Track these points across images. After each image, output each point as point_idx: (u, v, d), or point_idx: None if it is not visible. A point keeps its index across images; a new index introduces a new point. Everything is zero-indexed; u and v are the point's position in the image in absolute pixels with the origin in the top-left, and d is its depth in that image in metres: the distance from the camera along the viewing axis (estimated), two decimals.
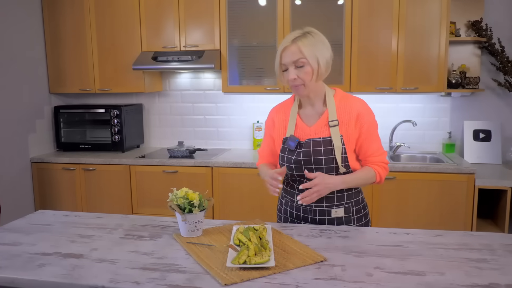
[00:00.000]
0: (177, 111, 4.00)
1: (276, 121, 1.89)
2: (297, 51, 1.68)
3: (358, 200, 1.83)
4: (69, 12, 3.69)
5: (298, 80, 1.70)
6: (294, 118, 1.82)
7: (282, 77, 1.77)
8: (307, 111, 1.83)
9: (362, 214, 1.85)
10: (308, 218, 1.82)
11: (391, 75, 3.25)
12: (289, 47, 1.70)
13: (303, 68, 1.69)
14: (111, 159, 3.47)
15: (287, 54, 1.70)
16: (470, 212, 3.00)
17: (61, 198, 3.60)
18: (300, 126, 1.81)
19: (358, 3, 3.22)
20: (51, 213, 1.97)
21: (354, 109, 1.76)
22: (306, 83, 1.71)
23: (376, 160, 1.78)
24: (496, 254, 1.44)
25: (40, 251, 1.52)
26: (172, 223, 1.80)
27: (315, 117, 1.80)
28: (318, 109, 1.80)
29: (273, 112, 1.94)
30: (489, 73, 3.45)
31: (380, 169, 1.78)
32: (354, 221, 1.81)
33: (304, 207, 1.82)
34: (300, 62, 1.68)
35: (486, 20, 3.36)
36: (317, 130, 1.77)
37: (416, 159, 3.52)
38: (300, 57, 1.68)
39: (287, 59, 1.70)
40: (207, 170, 3.34)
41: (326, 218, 1.80)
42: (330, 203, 1.78)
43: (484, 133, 3.43)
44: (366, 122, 1.75)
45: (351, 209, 1.81)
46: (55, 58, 3.78)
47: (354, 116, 1.75)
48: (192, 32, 3.52)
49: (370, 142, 1.77)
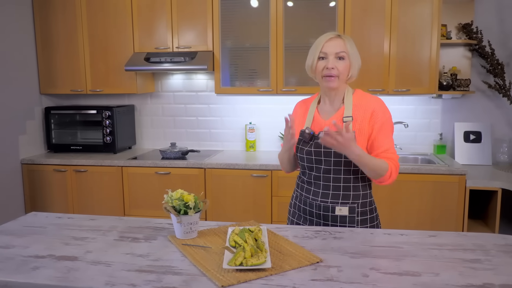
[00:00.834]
0: (169, 112, 3.98)
1: (298, 114, 1.97)
2: (342, 44, 1.78)
3: (365, 202, 1.82)
4: (60, 12, 3.66)
5: (335, 70, 1.76)
6: (313, 112, 1.89)
7: (316, 66, 1.80)
8: (325, 107, 1.88)
9: (368, 217, 1.83)
10: (314, 213, 1.84)
11: (383, 77, 3.27)
12: (334, 39, 1.79)
13: (343, 61, 1.78)
14: (103, 160, 3.44)
15: (332, 44, 1.78)
16: (461, 212, 3.03)
17: (52, 200, 3.57)
18: (317, 120, 1.86)
19: (350, 5, 3.24)
20: (44, 215, 1.95)
21: (370, 107, 1.78)
22: (341, 76, 1.78)
23: (389, 156, 1.75)
24: (490, 254, 1.46)
25: (34, 253, 1.50)
26: (167, 224, 1.79)
27: (332, 112, 1.85)
28: (336, 105, 1.86)
29: (297, 106, 2.03)
30: (479, 75, 3.49)
31: (393, 166, 1.74)
32: (358, 222, 1.81)
33: (310, 201, 1.84)
34: (342, 55, 1.77)
35: (476, 23, 3.40)
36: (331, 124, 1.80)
37: (408, 160, 3.54)
38: (343, 50, 1.77)
39: (331, 49, 1.77)
40: (200, 171, 3.33)
41: (330, 215, 1.81)
42: (335, 200, 1.80)
43: (474, 135, 3.47)
44: (380, 119, 1.76)
45: (356, 210, 1.80)
46: (46, 58, 3.74)
47: (369, 113, 1.77)
48: (184, 33, 3.51)
49: (383, 139, 1.76)
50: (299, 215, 1.92)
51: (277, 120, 3.78)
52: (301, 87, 3.37)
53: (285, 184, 3.21)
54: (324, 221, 1.83)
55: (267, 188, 3.25)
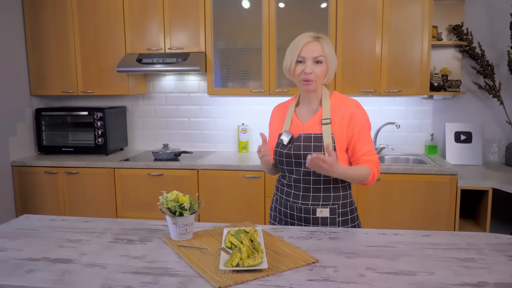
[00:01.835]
0: (161, 114, 3.97)
1: (276, 118, 1.99)
2: (320, 48, 1.78)
3: (345, 203, 1.85)
4: (51, 13, 3.63)
5: (313, 75, 1.77)
6: (291, 115, 1.91)
7: (294, 69, 1.81)
8: (303, 109, 1.90)
9: (349, 218, 1.86)
10: (295, 215, 1.85)
11: (375, 78, 3.29)
12: (312, 43, 1.79)
13: (320, 65, 1.79)
14: (95, 162, 3.42)
15: (310, 48, 1.78)
16: (453, 212, 3.06)
17: (43, 202, 3.53)
18: (295, 123, 1.88)
19: (342, 7, 3.26)
20: (37, 217, 1.94)
21: (348, 109, 1.81)
22: (318, 80, 1.79)
23: (370, 159, 1.80)
24: (483, 253, 1.47)
25: (28, 256, 1.48)
26: (161, 226, 1.79)
27: (310, 115, 1.87)
28: (314, 108, 1.87)
29: (274, 110, 2.05)
30: (469, 76, 3.53)
31: (374, 168, 1.80)
32: (339, 223, 1.83)
33: (291, 204, 1.84)
34: (320, 59, 1.78)
35: (466, 25, 3.44)
36: (310, 126, 1.83)
37: (399, 160, 3.57)
38: (321, 54, 1.78)
39: (309, 53, 1.78)
40: (193, 172, 3.32)
41: (311, 217, 1.82)
42: (316, 202, 1.81)
43: (465, 135, 3.51)
44: (359, 122, 1.80)
45: (337, 211, 1.83)
46: (37, 59, 3.71)
47: (348, 116, 1.80)
48: (177, 34, 3.50)
49: (364, 142, 1.81)
50: (280, 219, 1.92)
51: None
52: (293, 88, 3.38)
53: None
54: (305, 224, 1.83)
55: (260, 189, 3.25)
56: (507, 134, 3.54)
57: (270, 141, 1.99)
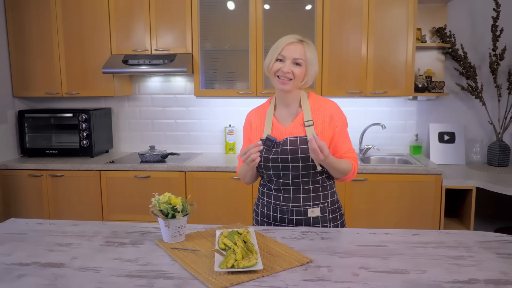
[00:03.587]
0: (147, 115, 3.94)
1: (253, 123, 1.94)
2: (302, 51, 1.78)
3: (333, 200, 1.88)
4: (34, 13, 3.56)
5: (290, 74, 1.77)
6: (270, 119, 1.88)
7: (272, 66, 1.80)
8: (282, 113, 1.88)
9: (338, 214, 1.89)
10: (285, 218, 1.85)
11: (361, 80, 3.33)
12: (295, 44, 1.79)
13: (299, 67, 1.78)
14: (80, 164, 3.37)
15: (292, 48, 1.78)
16: (438, 211, 3.11)
17: (27, 206, 3.47)
18: (276, 127, 1.86)
19: (329, 9, 3.29)
20: (24, 221, 1.90)
21: (327, 110, 1.84)
22: (295, 81, 1.79)
23: (351, 156, 1.87)
24: (472, 251, 1.51)
25: (17, 261, 1.46)
26: (153, 228, 1.77)
27: (291, 118, 1.86)
28: (293, 111, 1.87)
29: (250, 115, 2.00)
30: (452, 78, 3.60)
31: (355, 164, 1.87)
32: (329, 221, 1.85)
33: (281, 208, 1.84)
34: (299, 61, 1.78)
35: (449, 27, 3.51)
36: (293, 130, 1.82)
37: (385, 161, 3.62)
38: (301, 57, 1.78)
39: (289, 53, 1.77)
40: (180, 174, 3.30)
41: (302, 218, 1.83)
42: (307, 203, 1.82)
43: (448, 135, 3.58)
44: (339, 122, 1.84)
45: (327, 209, 1.85)
46: (20, 60, 3.64)
47: (328, 117, 1.82)
48: (163, 35, 3.48)
49: (344, 141, 1.87)
50: (268, 223, 1.90)
51: None
52: None
53: None
54: (297, 225, 1.84)
55: (248, 191, 3.25)
56: (489, 134, 3.62)
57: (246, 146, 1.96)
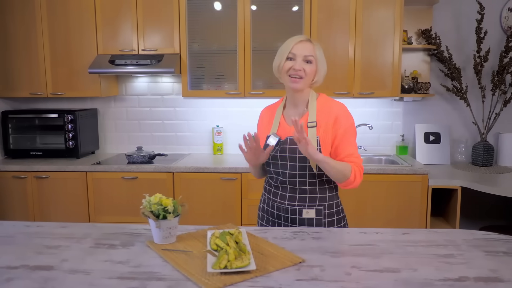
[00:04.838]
0: (134, 116, 3.91)
1: (265, 120, 1.99)
2: (311, 48, 1.82)
3: (331, 204, 1.86)
4: (19, 13, 3.50)
5: (301, 72, 1.79)
6: (279, 118, 1.91)
7: (283, 66, 1.81)
8: (290, 112, 1.91)
9: (335, 219, 1.87)
10: (281, 216, 1.86)
11: (348, 80, 3.36)
12: (304, 42, 1.82)
13: (310, 64, 1.81)
14: (66, 166, 3.33)
15: (301, 46, 1.81)
16: (424, 210, 3.15)
17: (11, 208, 3.40)
18: (283, 125, 1.89)
19: (316, 10, 3.30)
20: (10, 223, 1.86)
21: (333, 112, 1.82)
22: (306, 79, 1.80)
23: (353, 160, 1.79)
24: (461, 249, 1.53)
25: (5, 264, 1.43)
26: (143, 230, 1.76)
27: (296, 118, 1.86)
28: (300, 110, 1.88)
29: (262, 113, 2.05)
30: (438, 79, 3.65)
31: (356, 169, 1.78)
32: (325, 224, 1.85)
33: (278, 205, 1.85)
34: (310, 59, 1.80)
35: (435, 29, 3.56)
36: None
37: (372, 161, 3.65)
38: (312, 54, 1.81)
39: (300, 51, 1.80)
40: (168, 175, 3.28)
41: (297, 218, 1.83)
42: (302, 203, 1.83)
43: (434, 136, 3.62)
44: (343, 125, 1.80)
45: (323, 212, 1.84)
46: (3, 60, 3.57)
47: (332, 119, 1.81)
48: (150, 35, 3.46)
49: (347, 144, 1.80)
50: (267, 219, 1.93)
51: (244, 123, 3.79)
52: (268, 90, 3.40)
53: (254, 187, 3.22)
54: (292, 224, 1.85)
55: (237, 191, 3.25)
56: (474, 134, 3.68)
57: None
